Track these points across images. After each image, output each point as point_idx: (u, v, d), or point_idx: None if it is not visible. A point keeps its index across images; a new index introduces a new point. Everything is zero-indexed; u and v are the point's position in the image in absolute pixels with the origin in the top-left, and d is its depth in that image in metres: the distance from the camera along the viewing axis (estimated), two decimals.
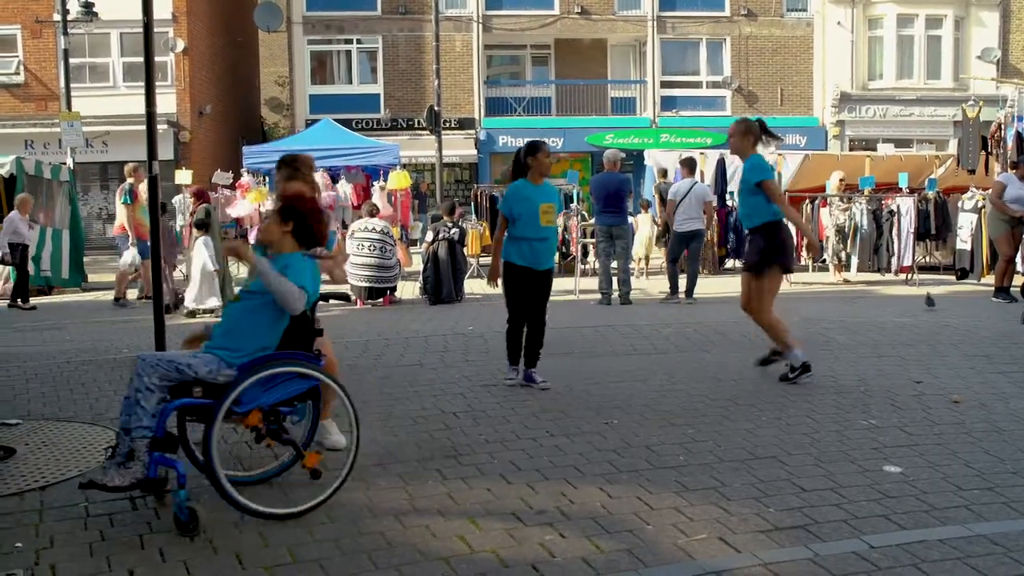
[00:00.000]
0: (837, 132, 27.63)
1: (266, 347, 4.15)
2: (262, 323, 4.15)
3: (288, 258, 4.30)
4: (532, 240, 6.62)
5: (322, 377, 4.15)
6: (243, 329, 4.15)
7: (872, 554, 3.56)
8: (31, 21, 24.47)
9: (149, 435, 3.82)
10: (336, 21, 27.80)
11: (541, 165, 6.71)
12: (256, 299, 4.19)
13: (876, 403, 6.03)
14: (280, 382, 4.08)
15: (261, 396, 4.03)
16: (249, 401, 3.98)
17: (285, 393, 4.10)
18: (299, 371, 4.11)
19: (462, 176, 28.93)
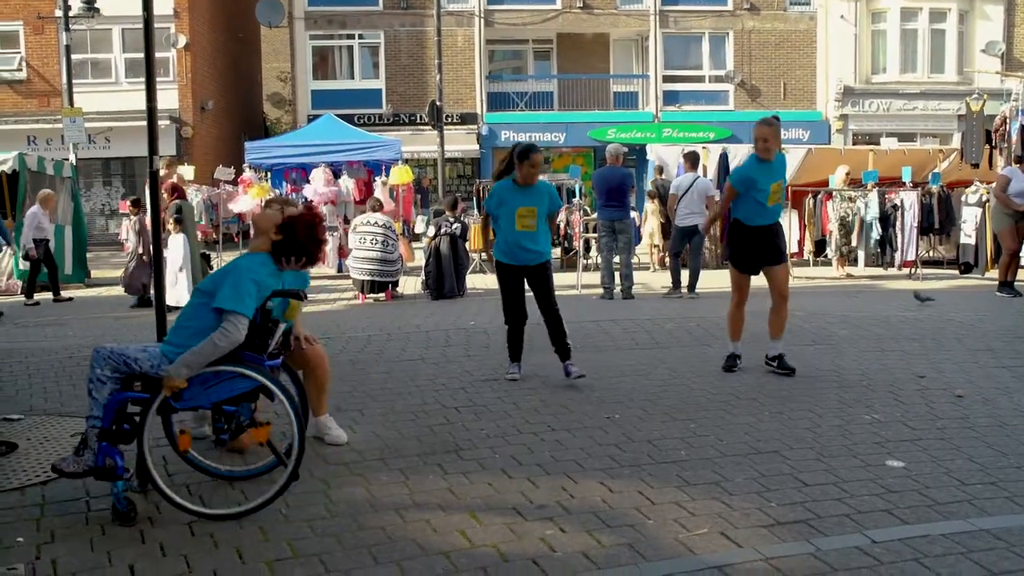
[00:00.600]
0: (840, 126, 27.57)
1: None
2: (204, 321, 4.08)
3: (243, 259, 4.25)
4: (509, 241, 6.73)
5: (261, 378, 4.03)
6: (187, 327, 4.13)
7: (874, 549, 3.55)
8: (33, 17, 24.47)
9: (99, 425, 3.95)
10: (338, 16, 27.77)
11: (525, 173, 6.70)
12: (204, 299, 4.16)
13: (879, 397, 6.01)
14: (221, 381, 4.04)
15: (201, 394, 4.03)
16: (190, 398, 4.02)
17: (228, 392, 4.07)
18: (239, 371, 4.03)
19: (464, 171, 28.91)
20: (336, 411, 5.76)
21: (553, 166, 28.17)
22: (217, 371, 4.02)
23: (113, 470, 3.93)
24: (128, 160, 24.64)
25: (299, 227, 4.32)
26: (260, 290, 4.12)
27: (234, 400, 4.12)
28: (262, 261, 4.25)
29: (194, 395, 4.03)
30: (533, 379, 6.78)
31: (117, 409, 4.01)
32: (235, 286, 4.05)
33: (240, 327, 3.99)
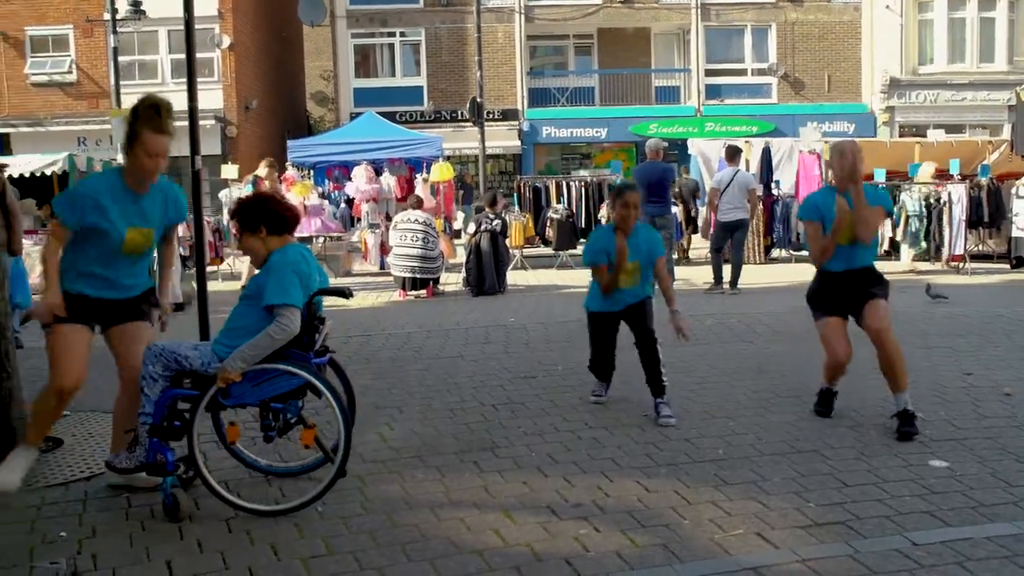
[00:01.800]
0: (886, 119, 27.12)
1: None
2: (253, 321, 4.10)
3: (268, 262, 4.20)
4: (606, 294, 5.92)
5: (308, 376, 4.04)
6: (237, 327, 4.15)
7: (915, 551, 3.48)
8: (82, 21, 24.91)
9: (150, 421, 4.02)
10: (379, 14, 27.90)
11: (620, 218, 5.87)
12: (251, 300, 4.18)
13: (923, 395, 5.89)
14: (268, 379, 4.07)
15: (251, 392, 4.06)
16: (239, 395, 4.06)
17: (276, 389, 4.09)
18: (285, 369, 4.04)
19: (506, 167, 28.90)
20: (374, 408, 5.81)
21: (595, 162, 28.10)
22: (264, 368, 4.05)
23: (163, 466, 4.00)
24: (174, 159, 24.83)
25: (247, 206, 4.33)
26: (302, 279, 4.13)
27: (281, 397, 4.15)
28: (292, 252, 4.25)
29: (243, 392, 4.08)
30: (571, 377, 6.76)
31: (167, 406, 4.08)
32: (279, 280, 4.07)
33: (294, 319, 4.01)
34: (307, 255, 4.29)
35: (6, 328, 4.97)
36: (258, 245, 4.25)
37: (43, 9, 24.96)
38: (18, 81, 25.01)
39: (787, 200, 16.88)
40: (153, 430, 4.03)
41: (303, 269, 4.16)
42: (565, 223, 17.03)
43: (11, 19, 24.82)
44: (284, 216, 4.32)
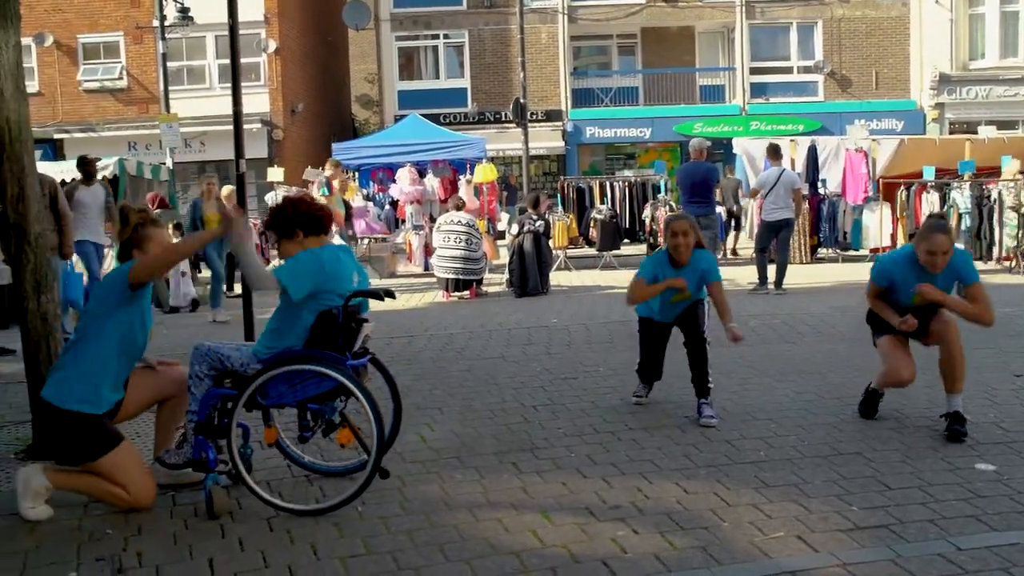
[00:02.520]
0: (936, 115, 26.66)
1: (293, 344, 4.18)
2: (286, 322, 4.19)
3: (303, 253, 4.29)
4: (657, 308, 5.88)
5: (341, 378, 4.05)
6: (275, 328, 4.24)
7: (959, 556, 3.42)
8: (133, 28, 25.38)
9: (194, 419, 4.14)
10: (423, 17, 28.05)
11: (673, 248, 5.72)
12: (284, 301, 4.25)
13: (971, 397, 5.75)
14: (304, 380, 4.11)
15: (288, 392, 4.12)
16: (276, 396, 4.13)
17: (317, 390, 4.13)
18: (320, 371, 4.07)
19: (549, 168, 28.90)
20: (415, 409, 5.84)
21: (639, 162, 27.97)
22: (301, 370, 4.10)
23: (206, 462, 4.09)
24: (222, 163, 25.29)
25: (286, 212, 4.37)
26: (325, 274, 4.18)
27: (318, 398, 4.20)
28: (324, 250, 4.32)
29: (281, 393, 4.14)
30: (612, 378, 6.74)
31: (212, 404, 4.17)
32: (292, 262, 4.22)
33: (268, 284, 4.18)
34: (342, 255, 4.36)
35: (55, 329, 5.09)
36: (297, 249, 4.30)
37: (95, 17, 25.48)
38: (71, 88, 25.54)
39: (833, 199, 16.68)
40: (198, 428, 4.13)
41: (328, 267, 4.20)
42: (609, 224, 16.98)
43: (64, 28, 25.37)
44: (318, 216, 4.38)
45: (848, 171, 16.71)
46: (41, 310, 5.00)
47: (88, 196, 10.43)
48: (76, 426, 4.04)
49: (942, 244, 4.95)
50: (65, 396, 4.05)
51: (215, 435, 4.15)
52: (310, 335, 4.17)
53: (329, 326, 4.16)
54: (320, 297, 4.17)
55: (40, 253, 5.00)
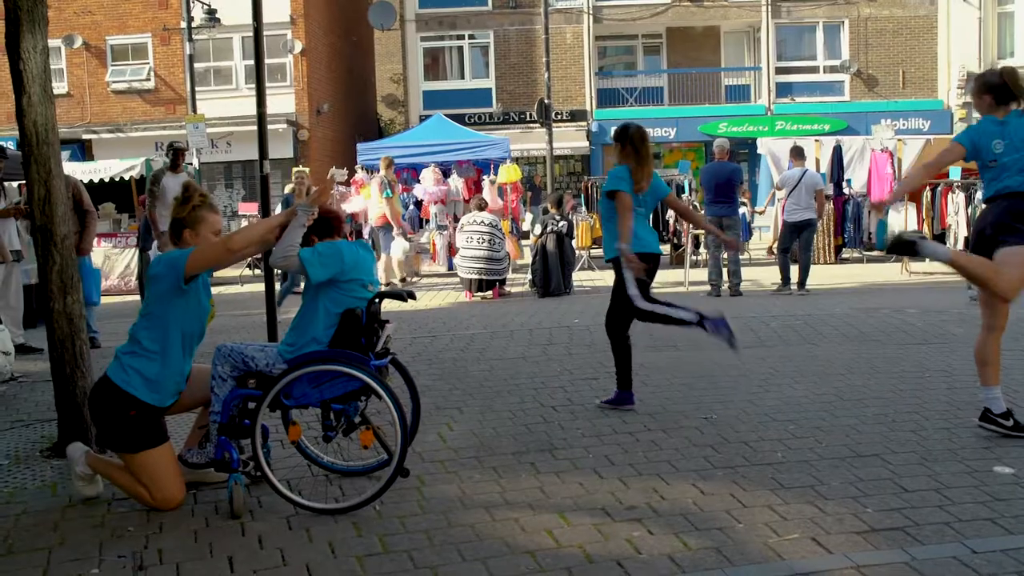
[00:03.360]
0: (964, 115, 26.40)
1: (318, 339, 4.25)
2: (308, 317, 4.30)
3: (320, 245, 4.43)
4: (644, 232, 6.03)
5: (365, 378, 4.10)
6: (296, 325, 4.33)
7: (974, 559, 3.42)
8: (160, 29, 25.65)
9: (217, 420, 4.19)
10: (448, 17, 28.14)
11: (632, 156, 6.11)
12: (307, 298, 4.36)
13: None
14: (329, 380, 4.17)
15: (312, 393, 4.17)
16: (300, 396, 4.18)
17: (341, 390, 4.19)
18: (344, 370, 4.13)
19: (574, 168, 28.91)
20: (435, 409, 5.89)
21: (664, 161, 27.92)
22: (325, 370, 4.16)
23: (229, 463, 4.15)
24: (248, 163, 25.54)
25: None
26: (344, 254, 4.31)
27: (342, 398, 4.26)
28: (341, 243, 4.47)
29: (304, 393, 4.20)
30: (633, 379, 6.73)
31: (236, 405, 4.23)
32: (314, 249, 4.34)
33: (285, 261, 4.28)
34: (361, 249, 4.49)
35: (80, 329, 5.18)
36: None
37: (123, 19, 25.77)
38: (100, 89, 25.86)
39: (858, 199, 16.60)
40: (222, 428, 4.19)
41: (347, 256, 4.32)
42: None
43: (93, 29, 25.68)
44: (328, 220, 4.55)
45: (873, 171, 16.63)
46: (67, 311, 5.08)
47: (174, 184, 10.00)
48: (129, 411, 4.09)
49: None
50: (130, 379, 4.11)
51: (238, 435, 4.21)
52: (334, 335, 4.24)
53: (353, 326, 4.23)
54: (343, 288, 4.28)
55: (66, 255, 5.09)
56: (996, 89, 5.15)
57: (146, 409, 4.11)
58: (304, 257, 4.27)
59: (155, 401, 4.14)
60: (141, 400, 4.09)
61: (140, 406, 4.10)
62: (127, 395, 4.08)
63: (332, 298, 4.26)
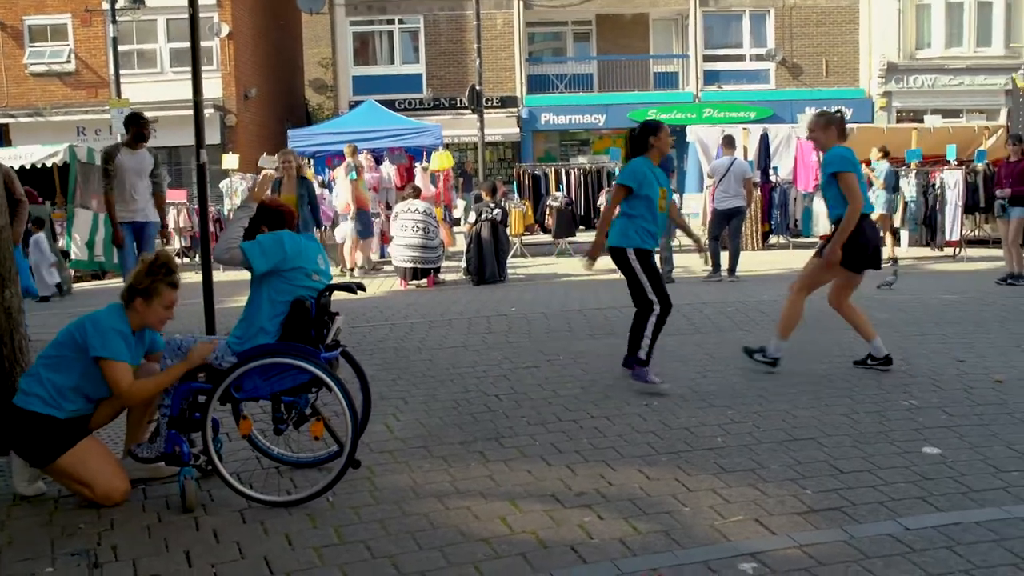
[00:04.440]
0: (884, 103, 27.16)
1: (265, 330, 4.28)
2: (253, 308, 4.34)
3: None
4: (651, 224, 6.18)
5: (315, 370, 4.14)
6: (244, 317, 4.38)
7: (907, 536, 3.61)
8: (81, 10, 24.90)
9: (168, 413, 4.20)
10: (378, 2, 27.89)
11: (664, 145, 6.28)
12: (252, 289, 4.39)
13: (917, 383, 6.02)
14: (279, 373, 4.20)
15: (263, 385, 4.21)
16: (251, 389, 4.21)
17: (291, 382, 4.23)
18: (295, 363, 4.17)
19: (505, 154, 28.96)
20: (380, 399, 5.92)
21: (593, 148, 28.16)
22: (275, 363, 4.18)
23: (180, 456, 4.15)
24: (175, 149, 25.02)
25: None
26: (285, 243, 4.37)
27: (292, 391, 4.28)
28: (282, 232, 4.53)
29: (255, 386, 4.22)
30: (573, 367, 6.87)
31: (185, 398, 4.23)
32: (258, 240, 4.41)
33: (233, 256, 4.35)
34: (303, 238, 4.55)
35: (19, 323, 5.09)
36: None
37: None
38: (17, 71, 25.04)
39: (785, 187, 16.99)
40: (172, 422, 4.19)
41: (288, 245, 4.37)
42: (564, 211, 17.15)
43: (9, 9, 24.83)
44: (279, 212, 4.65)
45: (799, 159, 17.05)
46: (4, 304, 5.00)
47: (133, 163, 8.43)
48: (33, 427, 4.09)
49: (809, 124, 6.69)
50: (29, 400, 4.12)
51: (188, 429, 4.21)
52: (284, 327, 4.25)
53: (302, 318, 4.25)
54: (286, 276, 4.32)
55: (4, 247, 5.00)
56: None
57: (44, 420, 4.10)
58: (245, 248, 4.30)
59: (56, 414, 4.11)
60: (42, 414, 4.09)
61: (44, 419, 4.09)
62: (27, 412, 4.10)
63: (276, 287, 4.30)
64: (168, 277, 4.29)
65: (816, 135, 6.54)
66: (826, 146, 6.46)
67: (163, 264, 4.31)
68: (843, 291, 6.52)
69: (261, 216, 4.57)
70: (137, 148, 8.49)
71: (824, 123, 6.49)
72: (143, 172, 8.49)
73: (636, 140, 6.31)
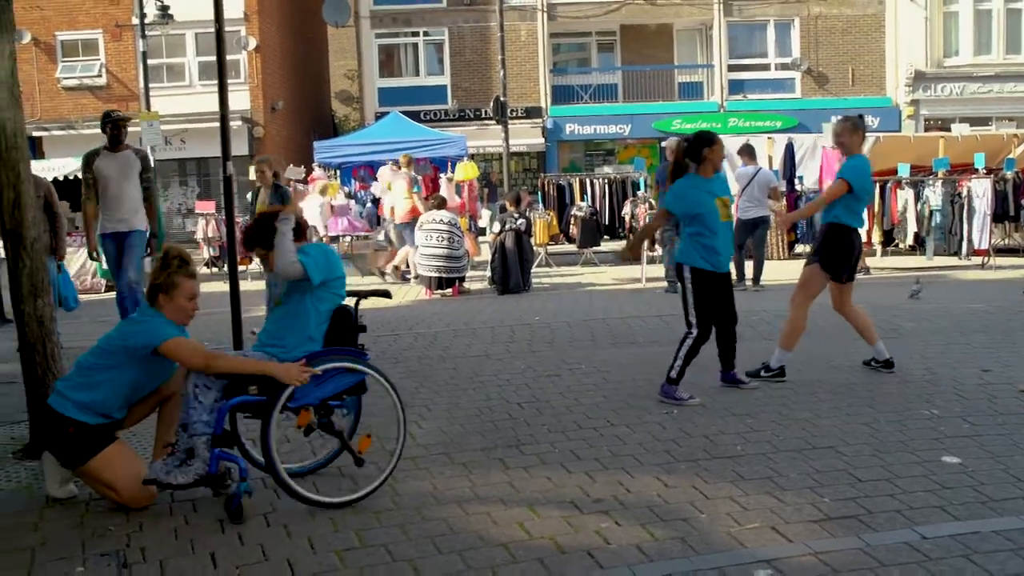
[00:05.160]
0: (911, 112, 27.00)
1: (313, 338, 4.37)
2: (299, 318, 4.40)
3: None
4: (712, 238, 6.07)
5: (371, 371, 4.30)
6: (288, 328, 4.42)
7: (924, 544, 3.62)
8: (111, 25, 25.34)
9: (209, 432, 4.08)
10: (403, 14, 28.11)
11: (718, 159, 6.23)
12: (293, 300, 4.45)
13: (940, 393, 6.01)
14: (330, 377, 4.29)
15: (313, 391, 4.24)
16: (302, 396, 4.17)
17: (336, 387, 4.32)
18: (348, 366, 4.29)
19: (530, 164, 29.05)
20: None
21: (618, 158, 28.16)
22: (326, 368, 4.25)
23: (225, 475, 4.16)
24: (203, 160, 25.37)
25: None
26: (328, 254, 4.52)
27: (339, 395, 4.38)
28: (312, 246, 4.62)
29: (306, 392, 4.18)
30: (595, 375, 6.92)
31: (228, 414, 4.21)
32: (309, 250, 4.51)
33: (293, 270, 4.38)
34: (329, 252, 4.64)
35: (51, 332, 5.21)
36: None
37: (73, 14, 25.41)
38: (50, 85, 25.47)
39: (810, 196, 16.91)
40: (216, 441, 4.08)
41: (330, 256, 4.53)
42: (589, 221, 17.19)
43: (42, 25, 25.28)
44: (297, 223, 4.67)
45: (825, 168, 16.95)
46: (37, 313, 5.11)
47: (114, 168, 7.91)
48: (67, 429, 4.19)
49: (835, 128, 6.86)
50: (66, 404, 4.20)
51: (228, 445, 4.22)
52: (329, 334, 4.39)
53: (347, 324, 4.37)
54: (330, 286, 4.45)
55: (36, 257, 5.11)
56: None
57: (81, 426, 4.18)
58: (305, 263, 4.37)
59: (87, 419, 4.18)
60: (76, 419, 4.17)
61: (76, 424, 4.17)
62: (63, 416, 4.18)
63: (320, 297, 4.41)
64: (183, 268, 4.35)
65: (843, 139, 6.66)
66: (851, 151, 6.61)
67: (175, 256, 4.38)
68: (841, 296, 6.72)
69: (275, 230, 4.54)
70: (118, 151, 7.97)
71: (851, 128, 6.65)
72: (129, 175, 7.91)
73: (690, 151, 6.19)
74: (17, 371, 5.40)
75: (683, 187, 6.20)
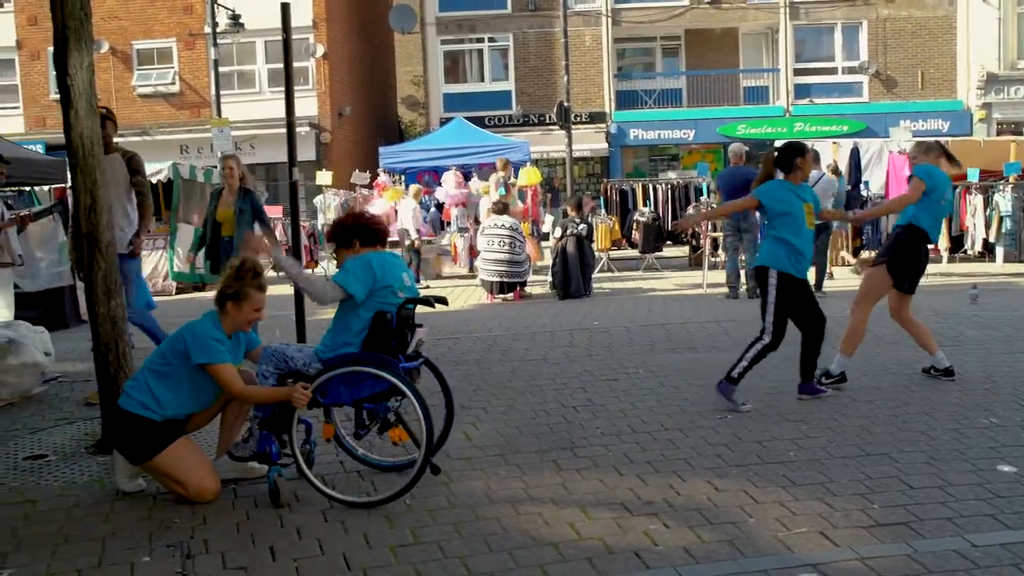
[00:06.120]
0: (983, 115, 26.40)
1: (349, 342, 4.51)
2: (344, 321, 4.57)
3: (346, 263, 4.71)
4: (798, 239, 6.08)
5: (393, 379, 4.35)
6: (332, 328, 4.63)
7: (973, 552, 3.61)
8: (184, 34, 26.09)
9: (259, 415, 4.49)
10: (468, 21, 28.39)
11: (808, 168, 6.29)
12: (343, 305, 4.62)
13: (1000, 401, 5.94)
14: (360, 381, 4.44)
15: (345, 393, 4.46)
16: (334, 395, 4.46)
17: (369, 391, 4.46)
18: (372, 372, 4.39)
19: (593, 170, 29.09)
20: (461, 409, 6.10)
21: (683, 163, 28.06)
22: (356, 371, 4.42)
23: (269, 456, 4.45)
24: (272, 165, 25.92)
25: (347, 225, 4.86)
26: (373, 265, 4.57)
27: (372, 399, 4.52)
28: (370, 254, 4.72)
29: (338, 393, 4.48)
30: (651, 380, 6.96)
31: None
32: (345, 268, 4.64)
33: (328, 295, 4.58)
34: (387, 256, 4.75)
35: (123, 332, 5.44)
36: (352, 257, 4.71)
37: (149, 24, 26.21)
38: (126, 92, 26.29)
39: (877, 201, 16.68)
40: (263, 423, 4.49)
41: (375, 265, 4.58)
42: (651, 226, 17.18)
43: (120, 35, 26.13)
44: (374, 229, 4.85)
45: (891, 173, 16.73)
46: (111, 314, 5.34)
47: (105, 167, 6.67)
48: (132, 428, 4.42)
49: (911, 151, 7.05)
50: (131, 402, 4.44)
51: (279, 430, 4.48)
52: (367, 338, 4.49)
53: (383, 330, 4.49)
54: (377, 295, 4.55)
55: (111, 260, 5.35)
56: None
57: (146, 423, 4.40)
58: (340, 282, 4.53)
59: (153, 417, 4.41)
60: (141, 416, 4.39)
61: (142, 421, 4.40)
62: (128, 414, 4.42)
63: (366, 304, 4.52)
64: (255, 280, 4.56)
65: (918, 159, 6.81)
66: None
67: (250, 268, 4.58)
68: (900, 305, 6.71)
69: (355, 230, 4.79)
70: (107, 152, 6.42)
71: (925, 149, 6.82)
72: (117, 182, 6.86)
73: (781, 159, 6.24)
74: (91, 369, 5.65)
75: (774, 186, 6.22)
